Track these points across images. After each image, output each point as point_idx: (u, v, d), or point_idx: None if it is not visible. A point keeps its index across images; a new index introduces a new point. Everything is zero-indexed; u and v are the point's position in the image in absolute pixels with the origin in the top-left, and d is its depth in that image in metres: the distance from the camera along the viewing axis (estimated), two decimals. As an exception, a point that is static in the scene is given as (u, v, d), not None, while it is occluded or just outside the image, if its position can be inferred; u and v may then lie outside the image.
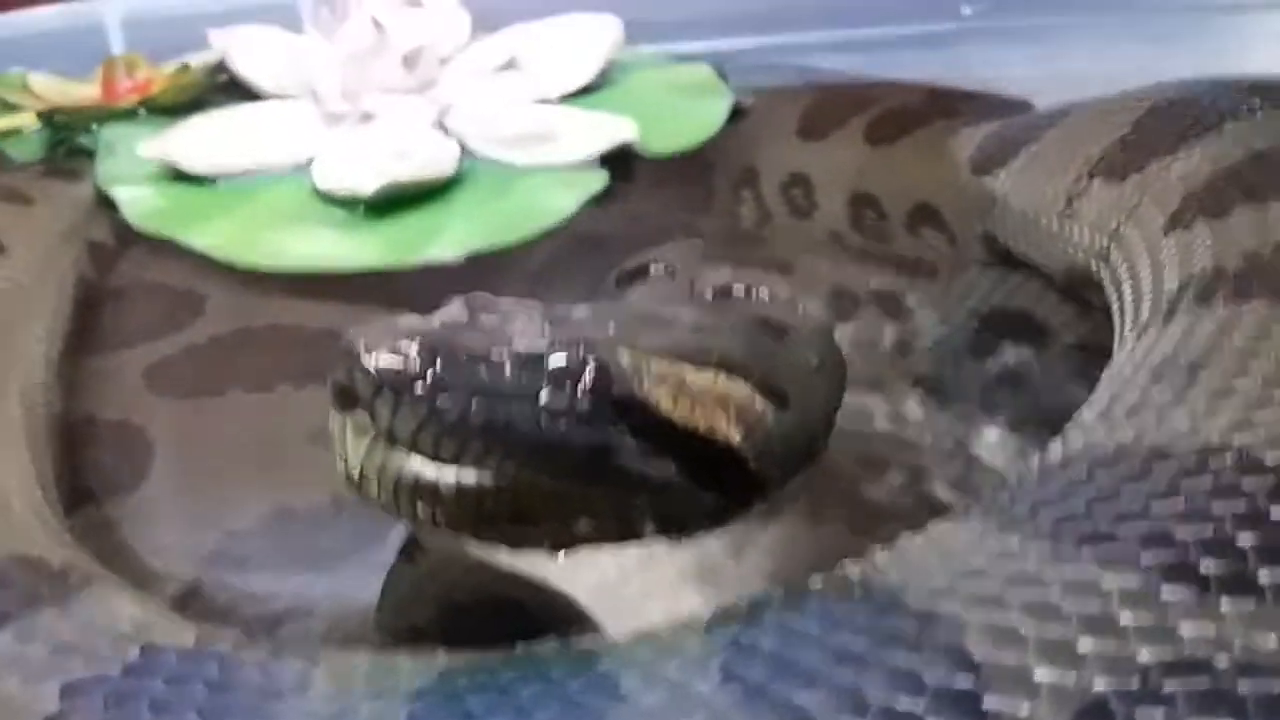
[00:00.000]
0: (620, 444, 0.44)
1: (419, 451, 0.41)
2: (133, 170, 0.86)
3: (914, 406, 0.59)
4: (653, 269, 0.70)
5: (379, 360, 0.40)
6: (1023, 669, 0.31)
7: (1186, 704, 0.29)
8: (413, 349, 0.40)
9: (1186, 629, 0.31)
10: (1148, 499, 0.36)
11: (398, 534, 0.54)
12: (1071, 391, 0.56)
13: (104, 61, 0.98)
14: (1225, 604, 0.32)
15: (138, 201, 0.83)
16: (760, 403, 0.48)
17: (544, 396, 0.42)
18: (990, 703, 0.30)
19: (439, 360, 0.40)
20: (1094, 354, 0.58)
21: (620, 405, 0.43)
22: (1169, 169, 0.60)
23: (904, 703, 0.30)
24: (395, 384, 0.40)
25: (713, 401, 0.46)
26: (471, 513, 0.42)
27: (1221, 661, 0.30)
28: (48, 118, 0.94)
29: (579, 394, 0.42)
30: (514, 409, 0.41)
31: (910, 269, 0.71)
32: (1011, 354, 0.63)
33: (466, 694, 0.34)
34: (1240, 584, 0.32)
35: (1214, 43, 1.11)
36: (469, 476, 0.41)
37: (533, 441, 0.42)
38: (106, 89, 0.97)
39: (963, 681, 0.31)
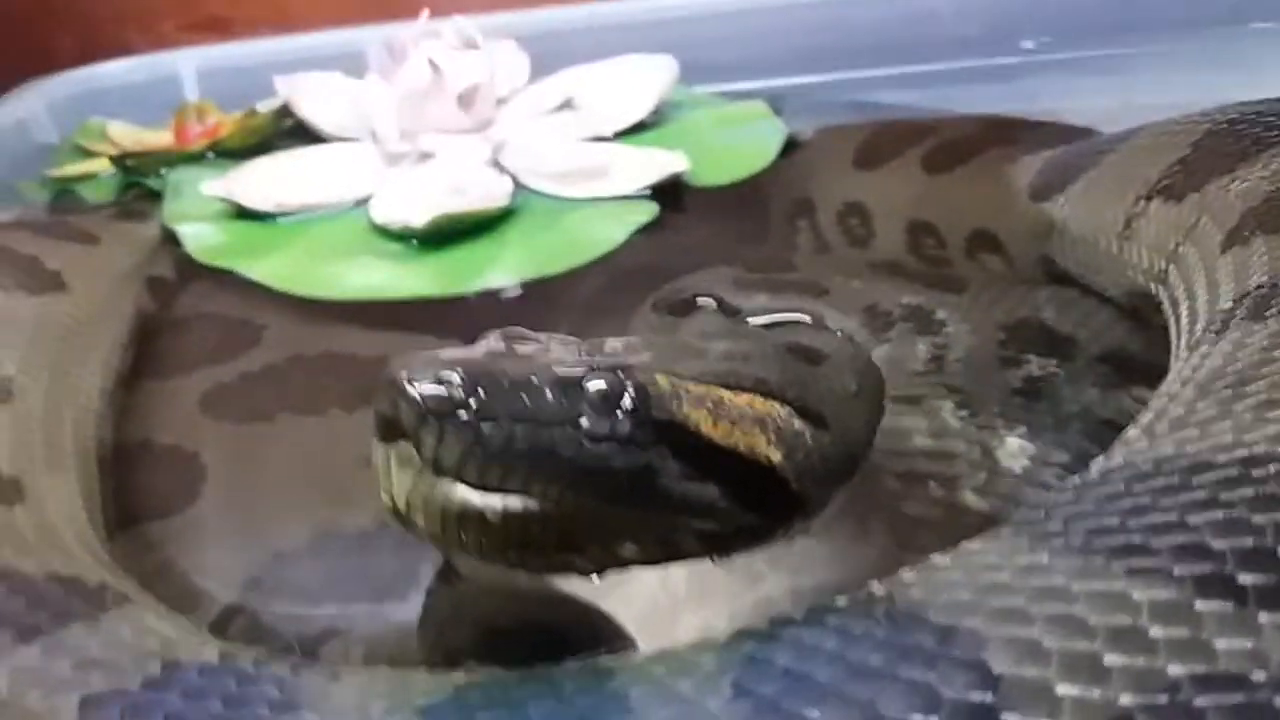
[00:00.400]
0: (662, 466, 0.44)
1: (465, 479, 0.41)
2: (197, 209, 0.89)
3: (949, 419, 0.58)
4: (700, 302, 0.69)
5: (423, 389, 0.40)
6: (1044, 682, 0.29)
7: (1218, 719, 0.28)
8: (455, 377, 0.40)
9: (1221, 643, 0.29)
10: (1184, 510, 0.34)
11: (439, 557, 0.54)
12: (1095, 400, 0.56)
13: (177, 109, 1.02)
14: (1264, 617, 0.30)
15: (200, 237, 0.86)
16: (799, 423, 0.49)
17: (585, 421, 0.42)
18: (1010, 717, 0.29)
19: (482, 388, 0.40)
20: (1120, 366, 0.58)
21: (660, 427, 0.43)
22: (1227, 188, 0.59)
23: (919, 717, 0.29)
24: (440, 412, 0.40)
25: (751, 422, 0.47)
26: (518, 540, 0.42)
27: (1258, 676, 0.28)
28: (120, 162, 0.97)
29: (620, 417, 0.42)
30: (557, 434, 0.41)
31: (941, 284, 0.70)
32: (1036, 365, 0.62)
33: (477, 709, 0.34)
34: None
35: (1281, 65, 1.08)
36: (515, 503, 0.41)
37: (576, 466, 0.42)
38: (178, 134, 1.01)
39: (981, 695, 0.29)
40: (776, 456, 0.47)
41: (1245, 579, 0.31)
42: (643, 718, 0.32)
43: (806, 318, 0.55)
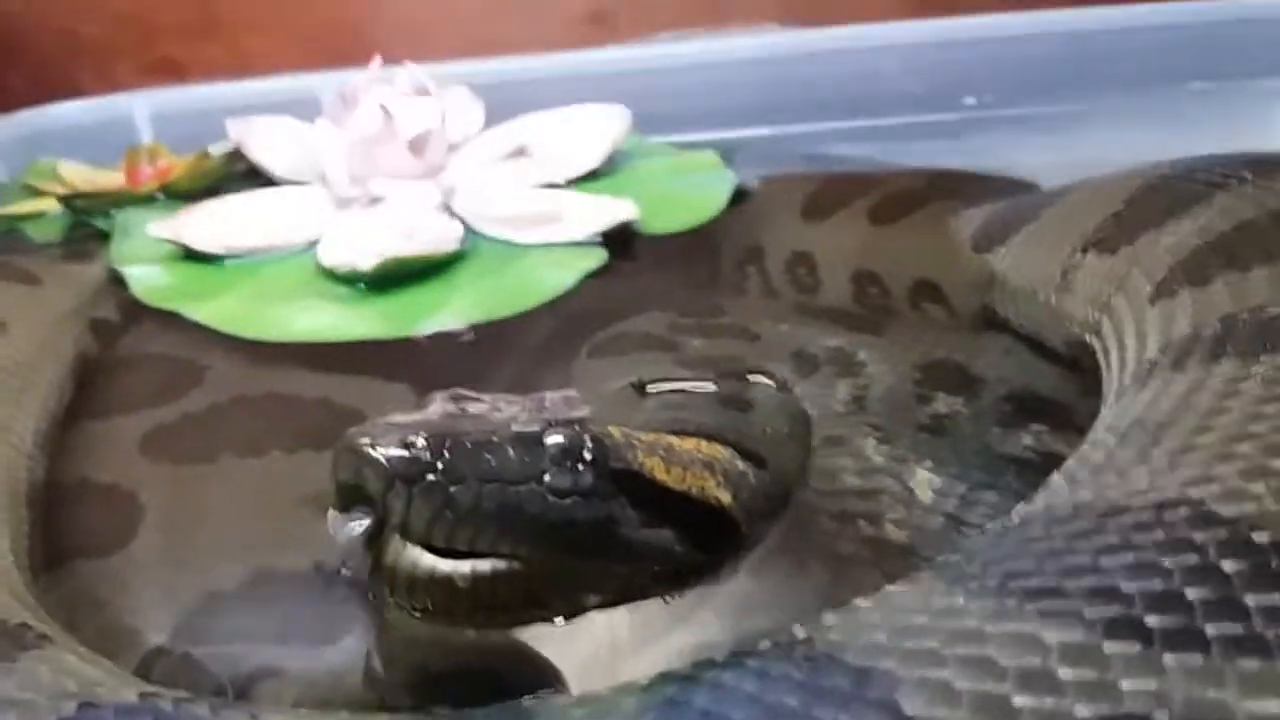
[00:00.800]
0: (622, 516, 0.45)
1: (432, 543, 0.41)
2: (145, 250, 0.89)
3: (872, 455, 0.60)
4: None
5: (389, 454, 0.40)
6: None
7: None
8: (420, 440, 0.40)
9: (1127, 684, 0.30)
10: (1098, 554, 0.35)
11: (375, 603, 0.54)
12: (995, 437, 0.58)
13: (128, 150, 1.02)
14: (1168, 658, 0.30)
15: (146, 278, 0.85)
16: (741, 463, 0.50)
17: (549, 476, 0.43)
18: None
19: (447, 450, 0.41)
20: (1021, 405, 0.61)
21: (619, 477, 0.44)
22: (1158, 241, 0.60)
23: None
24: (408, 477, 0.40)
25: (700, 466, 0.48)
26: (486, 601, 0.43)
27: (1160, 715, 0.29)
28: (69, 202, 0.97)
29: (581, 470, 0.43)
30: (523, 492, 0.42)
31: (863, 327, 0.72)
32: (943, 403, 0.64)
33: None
34: (1186, 638, 0.31)
35: (1233, 123, 1.11)
36: (482, 566, 0.42)
37: (542, 522, 0.42)
38: (130, 176, 1.00)
39: None
40: (726, 497, 0.48)
41: (1152, 621, 0.31)
42: None
43: (711, 387, 0.57)
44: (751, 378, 0.59)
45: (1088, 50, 1.19)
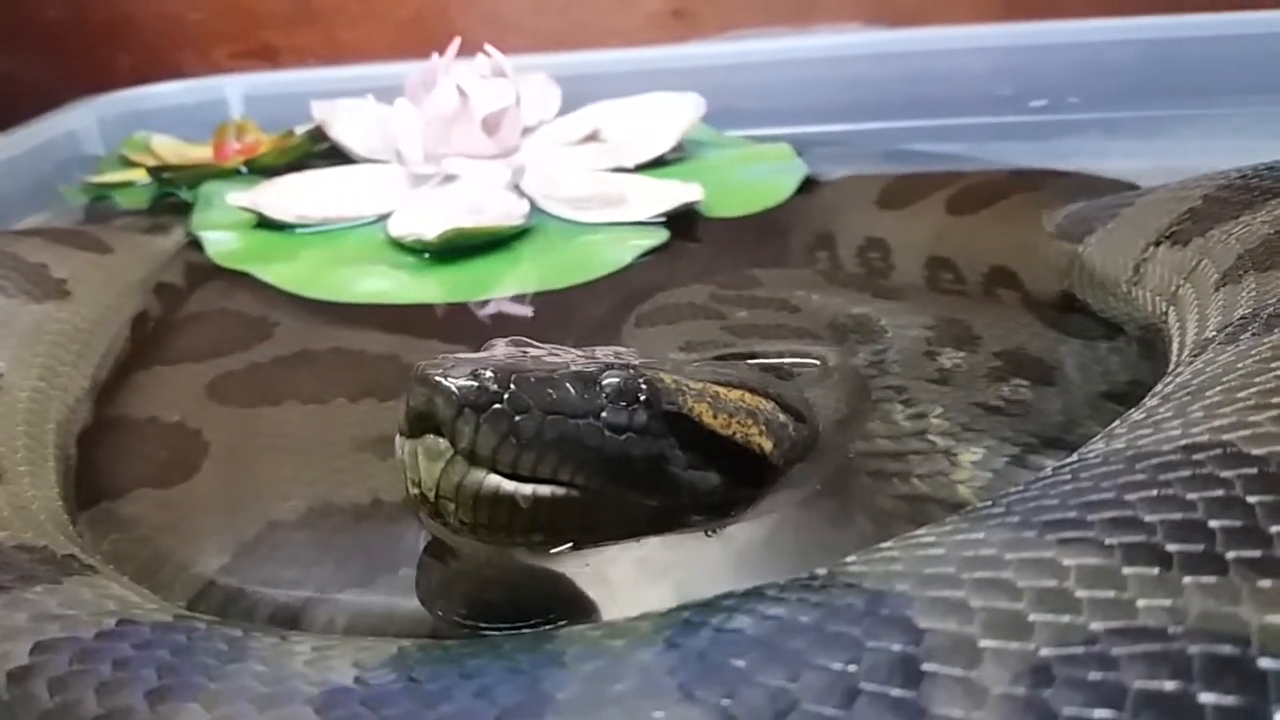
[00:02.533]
0: (671, 455, 0.47)
1: (498, 467, 0.43)
2: (223, 218, 0.92)
3: (899, 417, 0.61)
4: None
5: (460, 384, 0.43)
6: (967, 636, 0.29)
7: (1131, 665, 0.27)
8: (488, 373, 0.43)
9: (1143, 602, 0.29)
10: (1122, 491, 0.34)
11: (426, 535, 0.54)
12: (981, 388, 0.62)
13: (217, 126, 1.05)
14: (1187, 579, 0.30)
15: (221, 243, 0.88)
16: (784, 416, 0.53)
17: (606, 413, 0.45)
18: (930, 666, 0.28)
19: (513, 383, 0.43)
20: (1009, 360, 0.64)
21: (670, 419, 0.47)
22: (1230, 233, 0.60)
23: (839, 663, 0.29)
24: (477, 405, 0.43)
25: (745, 414, 0.51)
26: (544, 523, 0.45)
27: (1175, 629, 0.28)
28: (157, 174, 1.00)
29: (636, 409, 0.46)
30: (582, 425, 0.45)
31: (883, 293, 0.74)
32: (948, 358, 0.66)
33: (416, 664, 0.34)
34: (1205, 562, 0.30)
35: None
36: (543, 490, 0.44)
37: (599, 455, 0.45)
38: (217, 150, 1.04)
39: (904, 646, 0.29)
40: (768, 445, 0.51)
41: (1172, 547, 0.31)
42: (574, 669, 0.31)
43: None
44: (798, 360, 0.62)
45: (1179, 56, 1.16)
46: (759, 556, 0.50)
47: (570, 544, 0.48)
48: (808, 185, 0.96)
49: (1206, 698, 0.26)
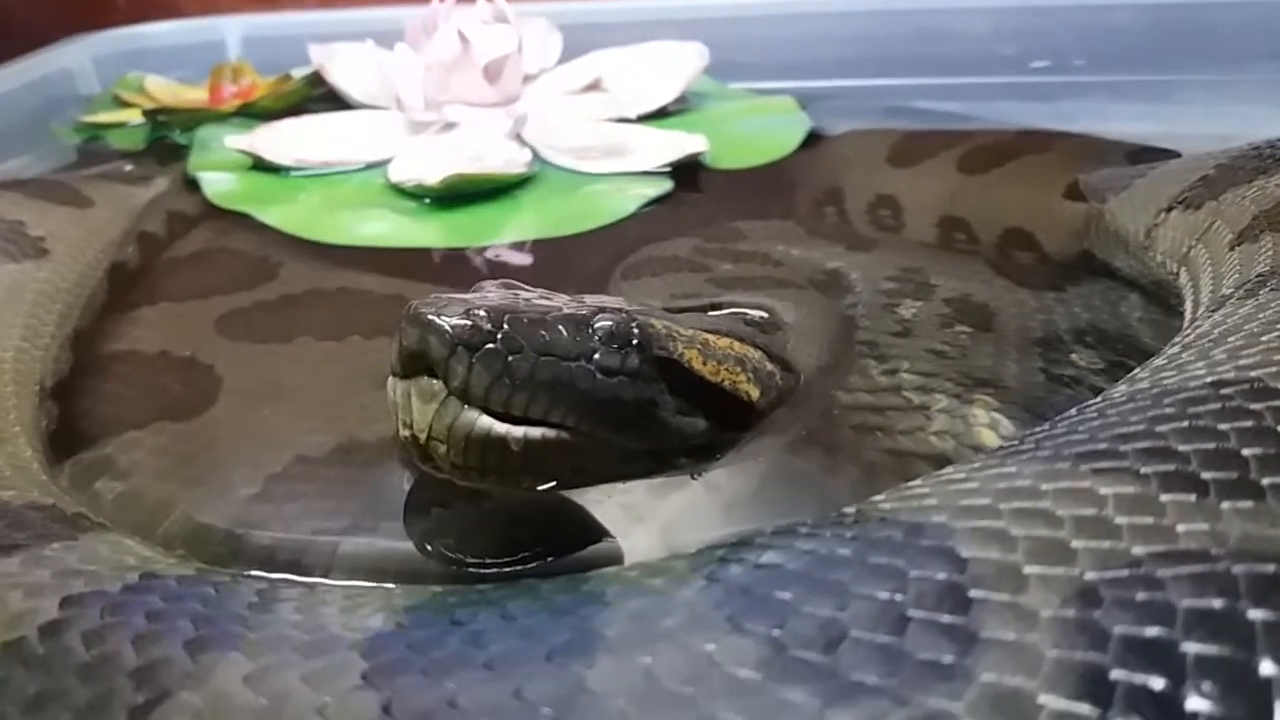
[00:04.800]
0: (661, 400, 0.47)
1: (490, 407, 0.43)
2: (220, 160, 0.90)
3: (872, 372, 0.61)
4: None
5: (453, 323, 0.42)
6: (1011, 563, 0.29)
7: (1177, 585, 0.28)
8: (482, 312, 0.43)
9: (1183, 527, 0.30)
10: (1152, 423, 0.35)
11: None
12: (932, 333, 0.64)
13: (213, 68, 1.04)
14: (1225, 504, 0.30)
15: (219, 183, 0.87)
16: (771, 364, 0.54)
17: (598, 355, 0.45)
18: (977, 592, 0.29)
19: (506, 323, 0.43)
20: (958, 308, 0.66)
21: (660, 364, 0.47)
22: (1244, 196, 0.61)
23: (886, 593, 0.29)
24: (471, 344, 0.42)
25: (734, 362, 0.51)
26: (534, 465, 0.45)
27: (1217, 551, 0.28)
28: (153, 116, 0.99)
29: (627, 352, 0.46)
30: (574, 368, 0.44)
31: (856, 245, 0.75)
32: (908, 308, 0.67)
33: (455, 607, 0.34)
34: (1241, 488, 0.31)
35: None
36: (534, 432, 0.44)
37: (590, 396, 0.45)
38: (213, 93, 1.02)
39: (949, 575, 0.29)
40: (755, 393, 0.51)
41: (1208, 475, 0.31)
42: (618, 607, 0.31)
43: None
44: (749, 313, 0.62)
45: (1184, 21, 1.15)
46: (747, 500, 0.50)
47: (556, 485, 0.47)
48: (812, 140, 0.96)
49: (1255, 614, 0.26)
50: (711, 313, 0.61)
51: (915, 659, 0.26)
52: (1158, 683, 0.25)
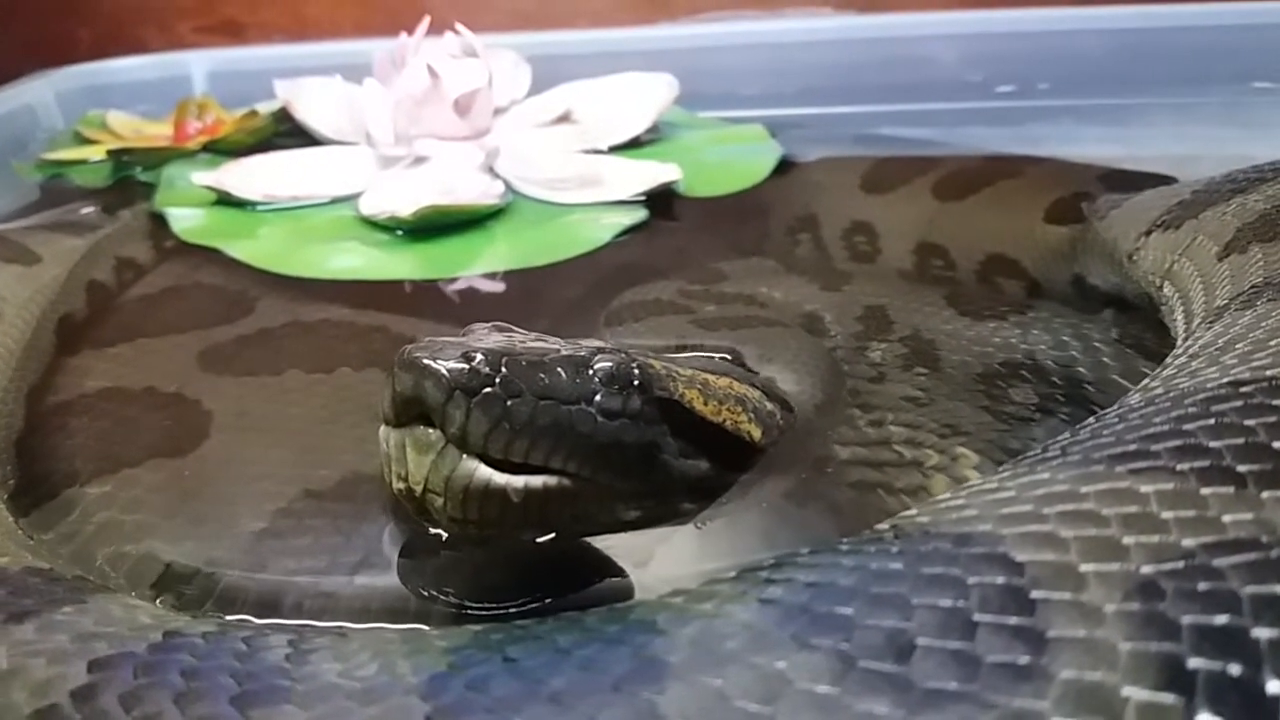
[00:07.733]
0: (663, 443, 0.46)
1: (490, 454, 0.41)
2: (187, 195, 0.89)
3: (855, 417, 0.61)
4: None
5: (449, 366, 0.40)
6: (1067, 563, 0.30)
7: (1236, 573, 0.28)
8: (479, 356, 0.41)
9: (1228, 518, 0.30)
10: (1177, 423, 0.35)
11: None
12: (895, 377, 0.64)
13: (178, 103, 1.02)
14: (1266, 494, 0.31)
15: (187, 219, 0.85)
16: (770, 404, 0.52)
17: (599, 398, 0.43)
18: (1039, 593, 0.29)
19: (505, 366, 0.41)
20: (913, 348, 0.65)
21: (662, 405, 0.46)
22: (1224, 212, 0.62)
23: (947, 600, 0.29)
24: (469, 389, 0.40)
25: (734, 401, 0.50)
26: (535, 515, 0.43)
27: (1266, 539, 0.29)
28: (117, 156, 0.97)
29: (629, 394, 0.44)
30: (575, 411, 0.43)
31: (828, 284, 0.75)
32: (877, 351, 0.67)
33: (504, 644, 0.32)
34: (1278, 478, 0.31)
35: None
36: (535, 481, 0.42)
37: (592, 441, 0.43)
38: (177, 129, 1.01)
39: (1006, 578, 0.29)
40: (757, 433, 0.50)
41: (1244, 468, 0.32)
42: (674, 634, 0.30)
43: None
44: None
45: (1148, 46, 1.17)
46: (753, 541, 0.49)
47: (556, 535, 0.46)
48: (784, 167, 0.96)
49: None
50: (681, 354, 0.59)
51: (990, 662, 0.26)
52: (1235, 668, 0.25)
